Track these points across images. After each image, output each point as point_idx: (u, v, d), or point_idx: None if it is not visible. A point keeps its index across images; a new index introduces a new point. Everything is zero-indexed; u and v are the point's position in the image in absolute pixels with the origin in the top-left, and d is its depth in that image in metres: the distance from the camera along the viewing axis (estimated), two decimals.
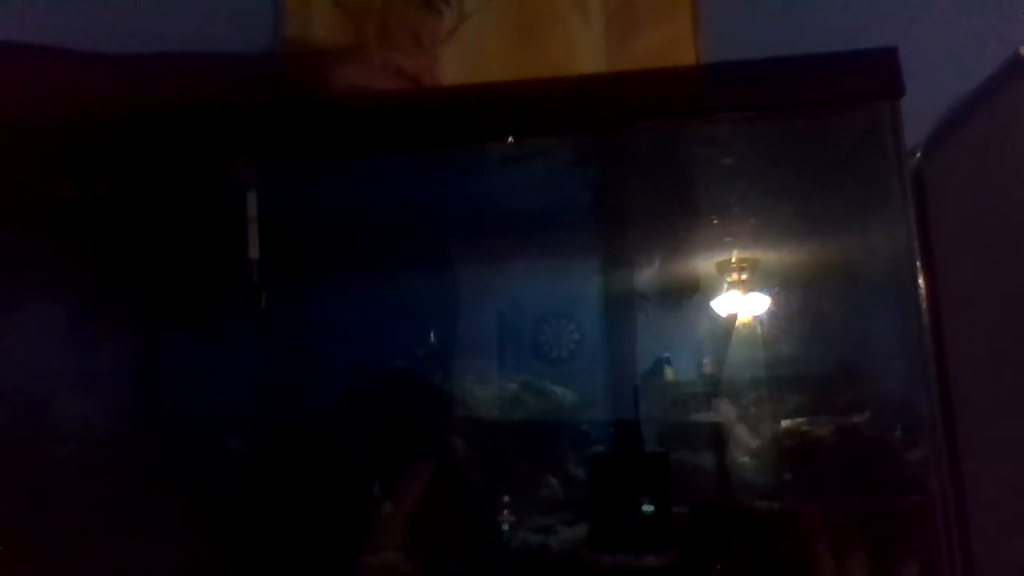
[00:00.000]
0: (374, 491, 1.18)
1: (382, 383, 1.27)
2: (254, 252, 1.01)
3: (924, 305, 0.97)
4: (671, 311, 1.35)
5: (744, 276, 1.31)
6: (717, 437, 1.27)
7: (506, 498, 1.22)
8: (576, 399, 1.31)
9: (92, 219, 1.09)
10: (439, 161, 1.11)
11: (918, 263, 0.97)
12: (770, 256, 1.31)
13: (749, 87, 0.97)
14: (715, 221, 1.28)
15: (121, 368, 1.24)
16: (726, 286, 1.32)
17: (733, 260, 1.31)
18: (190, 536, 1.10)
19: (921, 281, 0.98)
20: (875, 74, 0.94)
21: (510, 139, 1.01)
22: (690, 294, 1.34)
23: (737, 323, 1.31)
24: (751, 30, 1.27)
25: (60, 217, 1.08)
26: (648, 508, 1.14)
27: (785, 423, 1.24)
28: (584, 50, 1.31)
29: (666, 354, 1.33)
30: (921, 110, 1.09)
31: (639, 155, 1.15)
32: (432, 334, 1.31)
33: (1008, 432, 1.03)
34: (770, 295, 1.30)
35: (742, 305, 1.31)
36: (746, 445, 1.26)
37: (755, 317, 1.30)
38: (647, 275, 1.36)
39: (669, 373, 1.33)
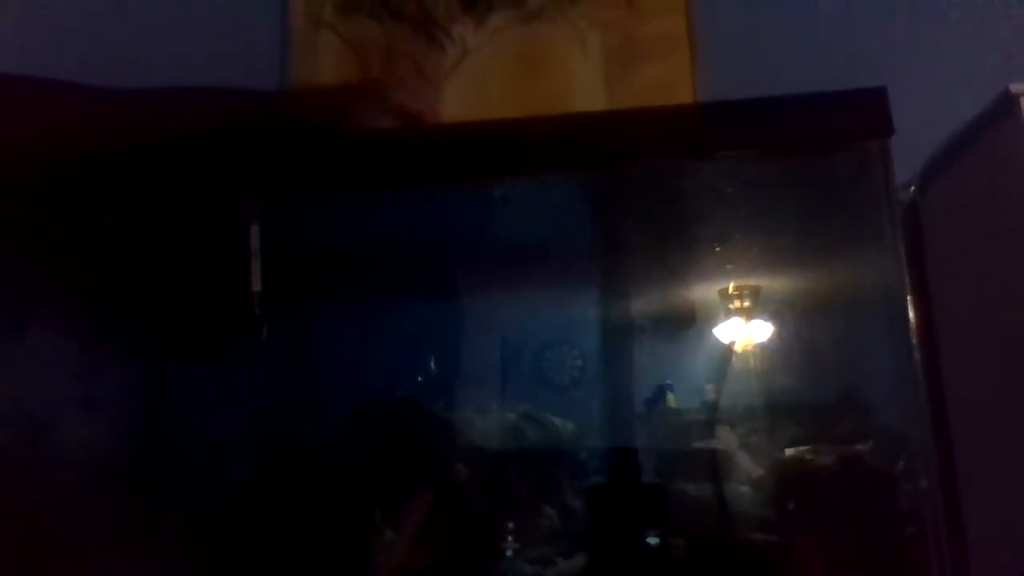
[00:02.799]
0: (375, 519, 1.18)
1: (383, 413, 1.27)
2: (256, 285, 1.02)
3: (914, 336, 0.98)
4: (673, 338, 1.35)
5: (746, 304, 1.32)
6: (718, 466, 1.26)
7: (504, 528, 1.22)
8: (576, 429, 1.31)
9: (98, 251, 1.11)
10: (442, 195, 1.12)
11: (908, 296, 0.98)
12: (771, 284, 1.32)
13: (743, 126, 1.00)
14: (717, 249, 1.29)
15: (125, 397, 1.25)
16: (728, 314, 1.32)
17: (732, 289, 1.32)
18: (193, 561, 1.11)
19: (912, 312, 0.99)
20: (864, 113, 0.95)
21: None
22: (692, 322, 1.35)
23: (739, 350, 1.31)
24: (747, 68, 1.28)
25: (67, 248, 1.09)
26: (646, 540, 1.14)
27: (788, 451, 1.24)
28: (584, 85, 1.33)
29: (668, 381, 1.33)
30: (915, 145, 1.10)
31: (642, 188, 1.17)
32: (433, 364, 1.31)
33: (1006, 461, 1.03)
34: (772, 323, 1.30)
35: (744, 332, 1.31)
36: (748, 473, 1.26)
37: (757, 344, 1.31)
38: (649, 303, 1.37)
39: (671, 400, 1.33)
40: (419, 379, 1.31)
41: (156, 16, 1.38)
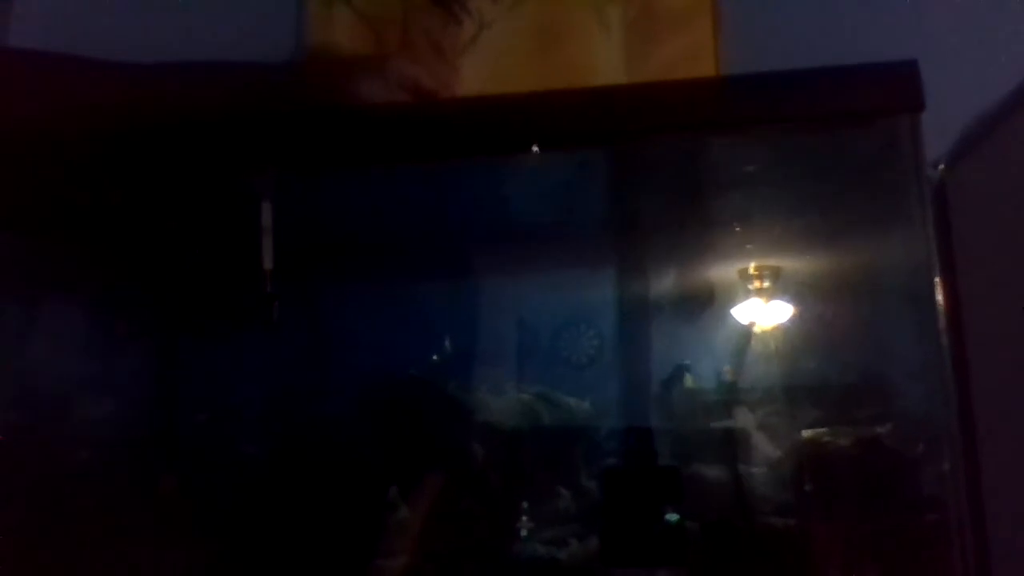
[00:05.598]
0: (389, 497, 1.18)
1: (396, 393, 1.27)
2: (268, 263, 1.01)
3: (941, 319, 0.96)
4: (692, 318, 1.34)
5: (766, 284, 1.30)
6: (736, 448, 1.25)
7: (518, 509, 1.21)
8: (591, 410, 1.30)
9: (107, 228, 1.10)
10: (457, 171, 1.11)
11: (936, 278, 0.96)
12: (793, 265, 1.30)
13: (769, 99, 0.97)
14: (737, 228, 1.28)
15: (134, 378, 1.25)
16: (748, 293, 1.31)
17: (753, 269, 1.30)
18: (206, 541, 1.11)
19: (939, 294, 0.97)
20: (895, 87, 0.92)
21: (535, 148, 1.01)
22: (710, 302, 1.33)
23: (759, 331, 1.30)
24: (772, 41, 1.25)
25: (75, 225, 1.09)
26: (661, 522, 1.13)
27: (806, 433, 1.22)
28: (604, 59, 1.31)
29: (686, 361, 1.31)
30: (945, 122, 1.08)
31: (661, 165, 1.15)
32: (448, 343, 1.31)
33: None
34: (793, 304, 1.28)
35: (764, 313, 1.30)
36: (766, 455, 1.25)
37: (777, 325, 1.29)
38: (667, 282, 1.35)
39: (689, 380, 1.32)
40: (434, 359, 1.30)
41: None
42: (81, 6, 1.36)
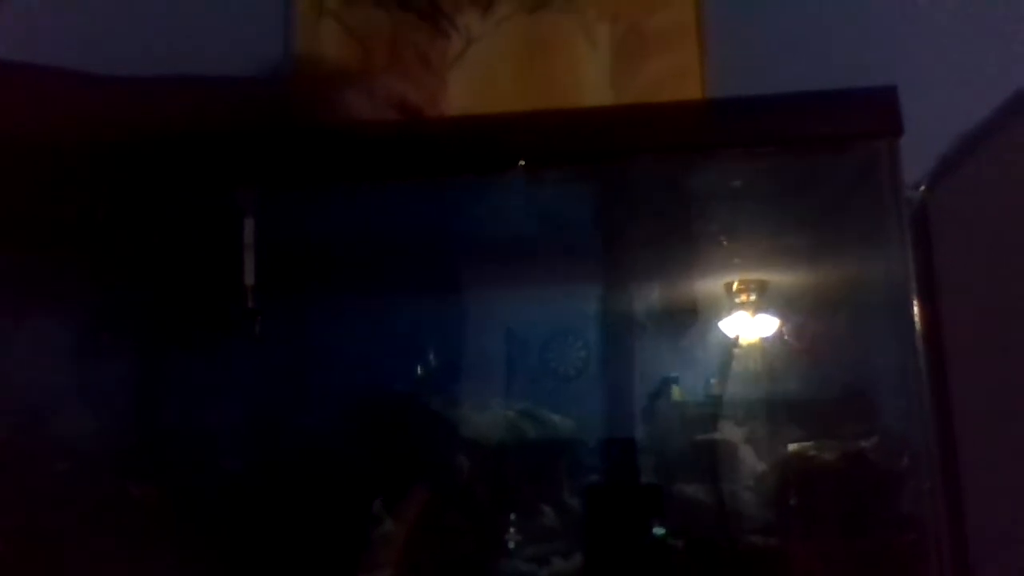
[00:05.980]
0: (373, 511, 1.18)
1: (377, 409, 1.27)
2: (250, 278, 1.01)
3: (919, 340, 0.97)
4: (679, 331, 1.34)
5: (752, 298, 1.31)
6: (722, 462, 1.26)
7: (502, 526, 1.21)
8: (575, 426, 1.31)
9: (91, 242, 1.10)
10: (443, 188, 1.11)
11: (914, 295, 0.97)
12: (778, 280, 1.31)
13: (750, 123, 0.98)
14: (723, 242, 1.28)
15: (117, 391, 1.25)
16: (734, 307, 1.31)
17: (738, 283, 1.31)
18: (188, 555, 1.11)
19: (918, 312, 0.98)
20: (874, 113, 0.94)
21: (521, 162, 1.02)
22: (697, 314, 1.34)
23: (745, 344, 1.31)
24: (756, 61, 1.26)
25: (59, 239, 1.09)
26: (645, 539, 1.13)
27: (792, 446, 1.23)
28: (590, 75, 1.31)
29: (673, 374, 1.32)
30: (926, 143, 1.09)
31: (648, 183, 1.16)
32: (432, 359, 1.31)
33: (1014, 467, 1.02)
34: (778, 318, 1.29)
35: (750, 327, 1.30)
36: (752, 469, 1.25)
37: (763, 339, 1.30)
38: (654, 295, 1.36)
39: (676, 393, 1.32)
40: (417, 374, 1.30)
41: (155, 2, 1.37)
42: (68, 15, 1.35)
